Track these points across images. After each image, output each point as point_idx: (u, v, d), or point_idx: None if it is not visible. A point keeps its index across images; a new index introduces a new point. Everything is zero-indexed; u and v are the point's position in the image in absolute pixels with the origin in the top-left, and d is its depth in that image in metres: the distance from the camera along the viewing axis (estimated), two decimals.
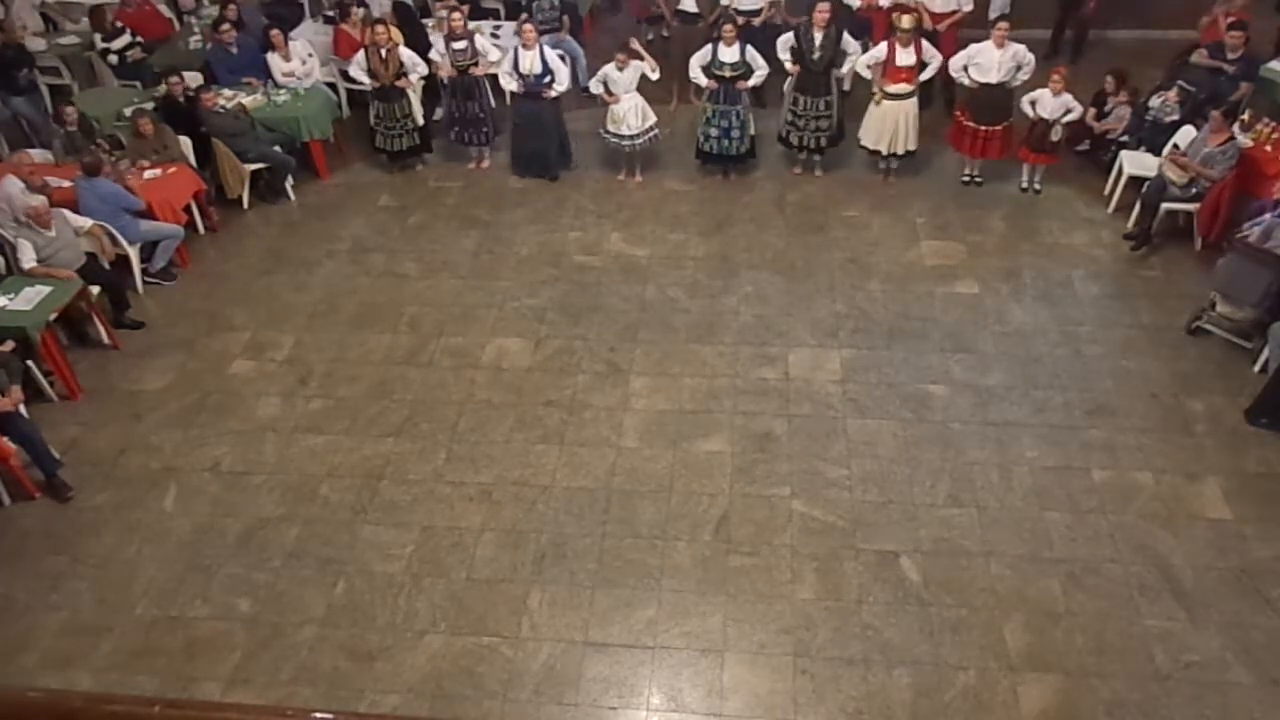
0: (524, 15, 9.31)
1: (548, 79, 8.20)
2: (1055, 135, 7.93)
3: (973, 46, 8.10)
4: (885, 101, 8.10)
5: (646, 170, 8.76)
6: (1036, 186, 8.32)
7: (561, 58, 8.74)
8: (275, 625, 5.10)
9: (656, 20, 10.24)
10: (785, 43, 8.11)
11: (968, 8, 8.90)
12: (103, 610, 5.21)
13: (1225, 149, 7.07)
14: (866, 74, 8.19)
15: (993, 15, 9.56)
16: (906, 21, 7.81)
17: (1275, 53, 8.53)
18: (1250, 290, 6.29)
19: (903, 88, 8.02)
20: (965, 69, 8.00)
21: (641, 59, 8.18)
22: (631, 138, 8.40)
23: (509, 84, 8.27)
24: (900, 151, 8.30)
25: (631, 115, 8.30)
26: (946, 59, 8.75)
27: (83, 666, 4.93)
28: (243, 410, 6.45)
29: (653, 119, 8.39)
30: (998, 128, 8.04)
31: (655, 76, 8.32)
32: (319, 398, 6.52)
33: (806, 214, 8.20)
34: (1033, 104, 7.92)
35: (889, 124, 8.18)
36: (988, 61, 7.86)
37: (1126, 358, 6.58)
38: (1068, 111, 7.84)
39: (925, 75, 8.12)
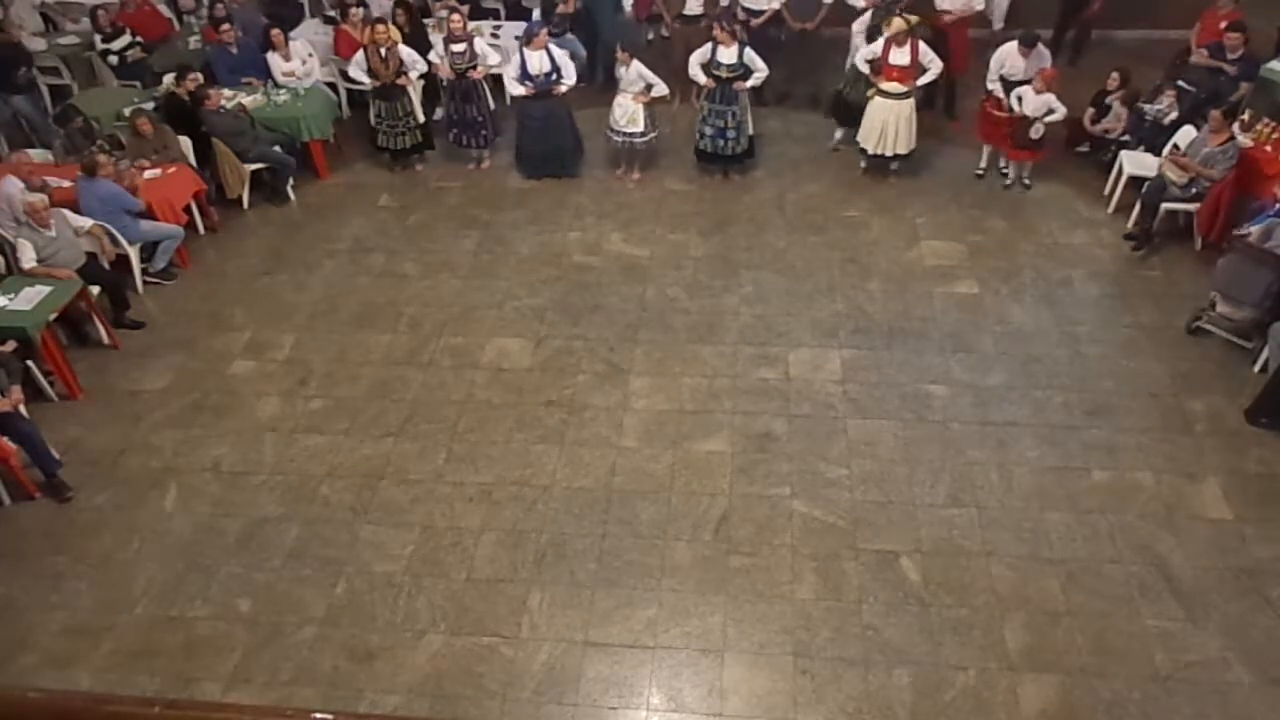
0: (535, 15, 9.35)
1: (555, 76, 8.21)
2: (1035, 133, 7.92)
3: (1001, 50, 8.12)
4: (878, 98, 8.12)
5: (646, 170, 8.76)
6: (1025, 181, 8.32)
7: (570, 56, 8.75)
8: (275, 625, 5.10)
9: (657, 19, 10.24)
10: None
11: (979, 6, 8.90)
12: (103, 610, 5.21)
13: (1225, 149, 7.07)
14: (865, 69, 8.20)
15: (997, 26, 9.63)
16: (895, 25, 7.80)
17: (1275, 53, 8.53)
18: (1250, 290, 6.30)
19: (895, 86, 8.02)
20: (1000, 79, 8.12)
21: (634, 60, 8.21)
22: (614, 132, 8.44)
23: (517, 90, 8.25)
24: (890, 153, 8.30)
25: (618, 110, 8.32)
26: (958, 60, 8.78)
27: (83, 666, 4.93)
28: (243, 410, 6.45)
29: (639, 127, 8.38)
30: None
31: (660, 91, 8.32)
32: (319, 398, 6.52)
33: (806, 214, 8.20)
34: (1019, 99, 7.94)
35: (877, 122, 8.20)
36: (1014, 67, 7.98)
37: (1126, 358, 6.58)
38: (1050, 112, 7.84)
39: (923, 80, 8.12)
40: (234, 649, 4.98)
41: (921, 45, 7.96)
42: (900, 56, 7.90)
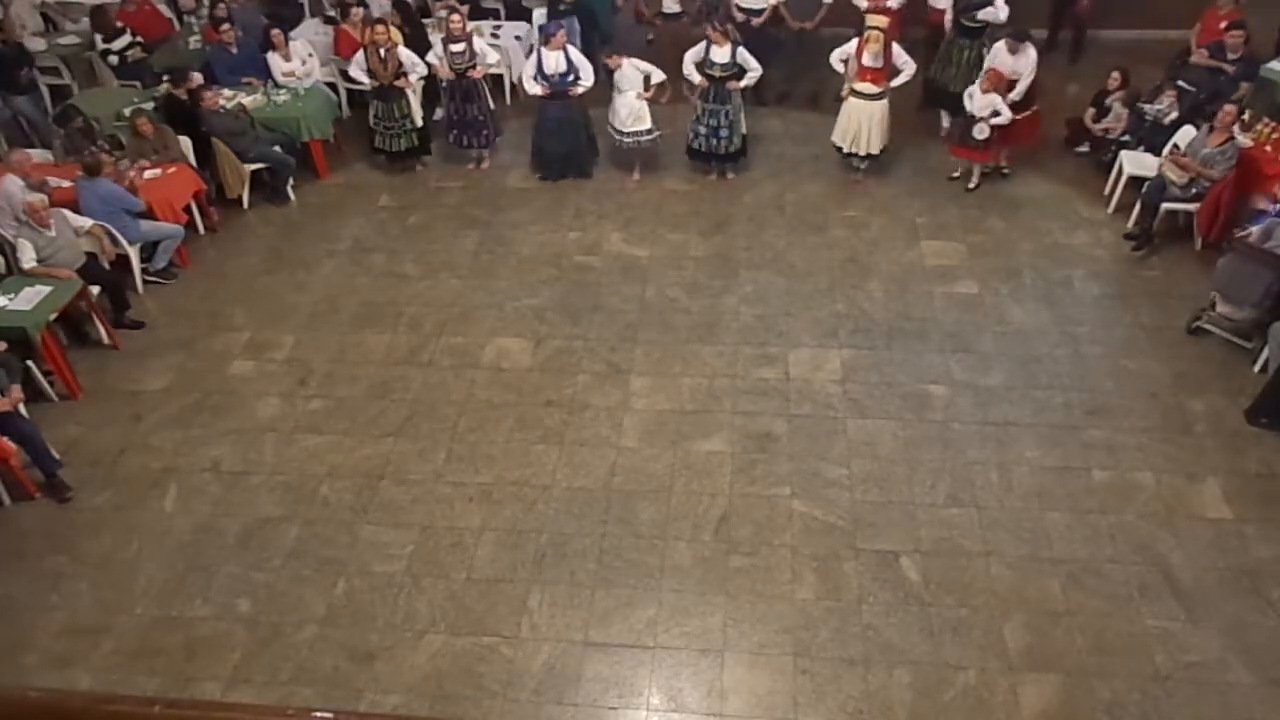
0: (535, 15, 9.34)
1: (571, 78, 8.21)
2: (980, 133, 7.87)
3: (993, 48, 8.12)
4: (851, 99, 8.13)
5: (646, 170, 8.75)
6: (971, 185, 8.29)
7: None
8: (275, 625, 5.10)
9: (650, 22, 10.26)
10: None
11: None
12: (103, 610, 5.21)
13: (1224, 149, 7.06)
14: (839, 69, 8.19)
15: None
16: (872, 45, 7.78)
17: (1275, 53, 8.53)
18: (1250, 290, 6.30)
19: (868, 87, 8.00)
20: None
21: (626, 59, 8.21)
22: (620, 133, 8.43)
23: (533, 89, 8.23)
24: (863, 152, 8.29)
25: (624, 111, 8.33)
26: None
27: (83, 666, 4.94)
28: (243, 410, 6.45)
29: (646, 124, 8.37)
30: (1020, 115, 7.99)
31: (658, 78, 8.33)
32: (319, 398, 6.52)
33: (806, 214, 8.20)
34: (970, 97, 7.94)
35: (852, 122, 8.20)
36: (1003, 64, 7.94)
37: (1126, 358, 6.58)
38: (995, 114, 7.80)
39: (897, 82, 8.09)
40: (234, 649, 4.99)
41: (895, 48, 7.96)
42: (872, 59, 7.87)
